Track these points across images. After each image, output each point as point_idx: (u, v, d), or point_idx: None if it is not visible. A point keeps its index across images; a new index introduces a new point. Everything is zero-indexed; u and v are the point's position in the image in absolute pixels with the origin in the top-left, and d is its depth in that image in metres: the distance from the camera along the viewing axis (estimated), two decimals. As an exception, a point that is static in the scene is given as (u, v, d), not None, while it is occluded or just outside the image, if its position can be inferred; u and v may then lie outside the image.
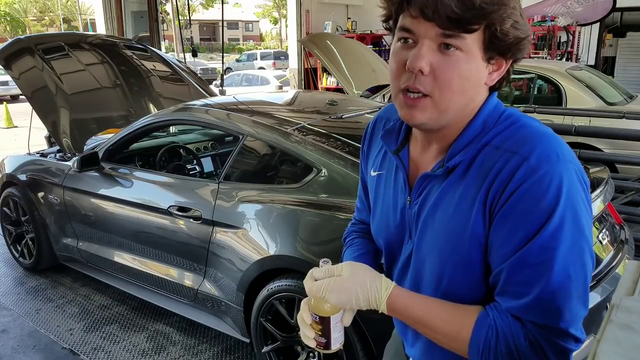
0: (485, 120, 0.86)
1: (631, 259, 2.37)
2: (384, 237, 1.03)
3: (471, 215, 0.83)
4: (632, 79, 10.19)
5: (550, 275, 0.76)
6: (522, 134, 0.82)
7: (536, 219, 0.77)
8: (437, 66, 0.80)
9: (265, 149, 2.66)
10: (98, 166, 3.06)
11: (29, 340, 2.92)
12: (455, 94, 0.82)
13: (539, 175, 0.76)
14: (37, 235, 3.59)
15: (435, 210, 0.88)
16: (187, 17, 22.88)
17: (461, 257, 0.85)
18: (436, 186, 0.89)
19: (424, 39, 0.80)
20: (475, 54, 0.81)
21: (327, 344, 0.95)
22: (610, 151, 4.63)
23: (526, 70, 5.57)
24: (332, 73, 7.46)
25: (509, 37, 0.80)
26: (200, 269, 2.57)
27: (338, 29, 10.73)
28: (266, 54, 26.61)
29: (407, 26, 0.82)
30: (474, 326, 0.82)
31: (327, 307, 0.92)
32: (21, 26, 41.90)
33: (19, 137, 9.51)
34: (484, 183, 0.81)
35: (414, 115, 0.84)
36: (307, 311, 0.94)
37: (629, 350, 0.51)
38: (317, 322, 0.93)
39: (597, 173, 2.46)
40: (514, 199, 0.78)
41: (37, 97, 3.51)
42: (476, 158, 0.84)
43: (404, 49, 0.83)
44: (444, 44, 0.80)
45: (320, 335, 0.95)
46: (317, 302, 0.93)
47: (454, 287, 0.88)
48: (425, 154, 0.94)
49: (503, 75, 0.86)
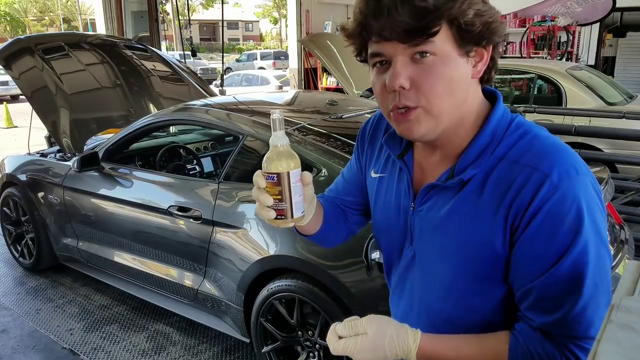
0: (494, 129, 0.85)
1: (631, 259, 2.37)
2: (385, 238, 1.03)
3: (491, 231, 0.82)
4: (632, 79, 10.18)
5: (581, 290, 0.78)
6: (538, 148, 0.81)
7: (564, 237, 0.77)
8: (416, 77, 0.80)
9: (265, 149, 2.66)
10: (98, 166, 3.06)
11: (29, 340, 2.92)
12: (443, 97, 0.81)
13: (562, 192, 0.77)
14: (37, 235, 3.59)
15: (448, 221, 0.87)
16: (187, 17, 22.91)
17: (476, 271, 0.85)
18: (446, 197, 0.88)
19: (395, 57, 0.80)
20: (449, 52, 0.80)
21: (289, 210, 0.85)
22: (610, 151, 4.64)
23: (526, 70, 5.58)
24: (332, 73, 7.47)
25: (475, 26, 0.79)
26: (200, 269, 2.57)
27: (338, 29, 10.72)
28: (266, 54, 26.60)
29: (376, 51, 0.82)
30: (509, 355, 0.82)
31: (283, 163, 0.83)
32: (21, 26, 41.91)
33: (19, 137, 9.51)
34: (505, 199, 0.81)
35: (411, 128, 0.83)
36: (260, 176, 0.86)
37: (629, 350, 0.51)
38: (275, 182, 0.84)
39: (597, 173, 2.45)
40: (540, 219, 0.78)
41: (37, 97, 3.51)
42: (492, 172, 0.83)
43: (381, 72, 0.84)
44: (416, 53, 0.79)
45: (280, 201, 0.84)
46: (273, 159, 0.84)
47: (465, 298, 0.88)
48: (429, 159, 0.93)
49: (488, 63, 0.85)
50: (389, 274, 1.08)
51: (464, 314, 0.90)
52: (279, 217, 0.86)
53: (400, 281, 1.01)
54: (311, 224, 1.02)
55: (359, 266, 1.96)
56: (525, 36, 8.76)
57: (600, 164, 2.75)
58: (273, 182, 0.83)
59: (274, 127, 0.85)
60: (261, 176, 0.86)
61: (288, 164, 0.84)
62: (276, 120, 0.85)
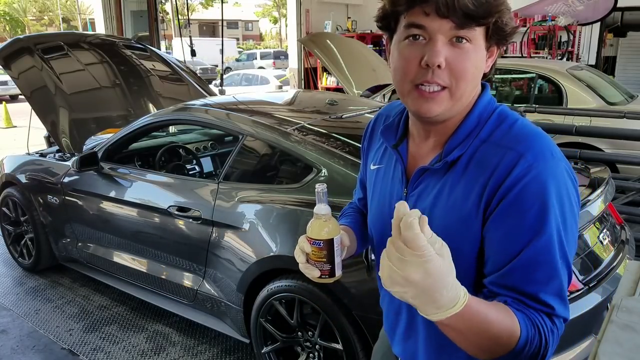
0: (480, 114, 0.90)
1: (632, 259, 2.36)
2: (379, 228, 1.05)
3: (469, 209, 0.86)
4: (633, 79, 10.17)
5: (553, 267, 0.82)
6: (518, 132, 0.86)
7: (537, 215, 0.80)
8: (452, 59, 0.83)
9: (265, 148, 2.65)
10: (97, 166, 3.06)
11: (28, 341, 2.92)
12: (468, 83, 0.85)
13: (536, 172, 0.80)
14: (36, 236, 3.58)
15: (435, 203, 0.90)
16: (186, 17, 22.88)
17: (458, 248, 0.86)
18: (435, 180, 0.91)
19: (438, 34, 0.82)
20: (481, 44, 0.85)
21: (331, 270, 0.95)
22: (611, 151, 4.63)
23: (527, 70, 5.57)
24: (332, 73, 7.45)
25: (508, 27, 0.86)
26: (200, 270, 2.57)
27: (338, 28, 10.73)
28: (266, 54, 26.60)
29: (418, 23, 0.83)
30: (519, 322, 0.79)
31: (326, 230, 0.93)
32: (20, 26, 41.87)
33: (18, 137, 9.50)
34: (481, 177, 0.85)
35: (431, 108, 0.86)
36: (305, 241, 0.94)
37: (629, 350, 0.51)
38: (320, 248, 0.93)
39: (598, 173, 2.45)
40: (513, 196, 0.81)
41: (36, 97, 3.51)
42: (475, 154, 0.87)
43: (413, 46, 0.85)
44: (456, 37, 0.83)
45: (325, 263, 0.94)
46: (318, 227, 0.93)
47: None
48: (422, 147, 0.97)
49: (495, 61, 0.92)
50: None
51: None
52: (323, 276, 0.96)
53: None
54: (350, 254, 1.09)
55: (359, 266, 1.95)
56: (526, 36, 8.76)
57: (600, 164, 2.74)
58: (319, 247, 0.94)
59: (319, 199, 0.94)
60: (306, 241, 0.95)
61: (330, 232, 0.94)
62: (320, 193, 0.94)
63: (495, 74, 5.81)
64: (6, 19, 41.68)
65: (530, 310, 0.81)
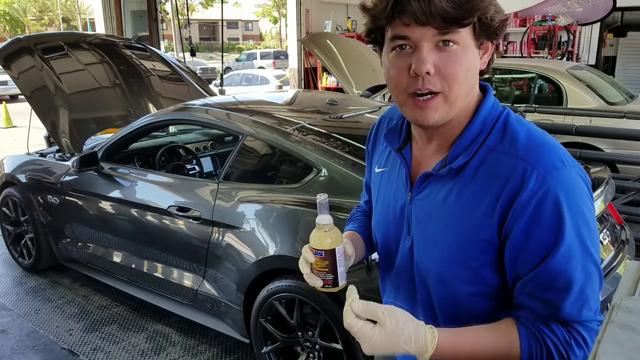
0: (484, 119, 0.89)
1: (632, 259, 2.36)
2: (383, 231, 1.05)
3: (480, 217, 0.85)
4: (633, 79, 10.16)
5: (575, 277, 0.82)
6: (527, 141, 0.85)
7: (554, 226, 0.80)
8: (441, 64, 0.83)
9: (265, 148, 2.65)
10: (97, 166, 3.06)
11: (28, 341, 2.92)
12: (461, 85, 0.85)
13: (550, 185, 0.80)
14: (36, 236, 3.58)
15: (440, 207, 0.90)
16: (186, 17, 22.88)
17: (466, 256, 0.88)
18: (440, 184, 0.91)
19: (422, 42, 0.82)
20: (470, 43, 0.84)
21: (334, 280, 0.95)
22: (611, 151, 4.63)
23: (527, 69, 5.57)
24: (332, 72, 7.45)
25: (495, 22, 0.84)
26: (200, 269, 2.57)
27: (338, 28, 10.72)
28: (266, 54, 26.59)
29: (402, 34, 0.83)
30: (521, 342, 0.84)
31: (329, 241, 0.93)
32: (20, 26, 41.89)
33: (18, 137, 9.51)
34: (493, 188, 0.84)
35: (428, 116, 0.86)
36: (309, 251, 0.95)
37: (629, 350, 0.51)
38: (323, 258, 0.94)
39: (598, 173, 2.45)
40: (529, 213, 0.81)
41: (36, 97, 3.51)
42: (484, 161, 0.86)
43: (400, 56, 0.85)
44: (442, 41, 0.82)
45: (327, 272, 0.95)
46: (320, 237, 0.93)
47: (460, 287, 0.90)
48: (425, 151, 0.96)
49: (491, 57, 0.90)
50: (384, 269, 1.09)
51: (463, 304, 0.92)
52: (326, 285, 0.96)
53: (398, 273, 1.02)
54: (358, 259, 1.09)
55: (359, 266, 1.95)
56: (526, 36, 8.76)
57: (600, 164, 2.74)
58: (321, 257, 0.94)
59: (320, 209, 0.95)
60: (309, 251, 0.95)
61: (333, 242, 0.94)
62: (322, 204, 0.94)
63: (495, 73, 5.82)
64: (6, 19, 41.70)
65: (541, 325, 0.83)
